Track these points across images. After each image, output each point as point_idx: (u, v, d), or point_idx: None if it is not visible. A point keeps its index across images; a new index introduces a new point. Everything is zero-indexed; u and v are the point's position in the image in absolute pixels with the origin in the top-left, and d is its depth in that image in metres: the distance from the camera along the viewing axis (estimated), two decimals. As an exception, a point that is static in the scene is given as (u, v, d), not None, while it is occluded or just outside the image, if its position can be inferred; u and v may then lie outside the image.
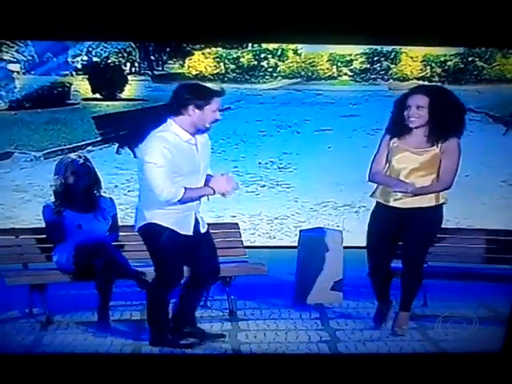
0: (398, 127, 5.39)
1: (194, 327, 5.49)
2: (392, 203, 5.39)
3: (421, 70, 8.33)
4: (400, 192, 5.27)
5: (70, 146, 7.94)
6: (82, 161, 6.03)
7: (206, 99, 5.10)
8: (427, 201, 5.34)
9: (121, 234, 6.19)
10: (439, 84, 7.96)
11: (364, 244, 5.62)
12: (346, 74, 8.37)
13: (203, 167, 5.20)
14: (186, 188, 5.07)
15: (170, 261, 5.20)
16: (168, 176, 5.02)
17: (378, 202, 5.49)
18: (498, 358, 5.03)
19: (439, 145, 5.32)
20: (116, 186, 7.85)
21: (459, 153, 5.35)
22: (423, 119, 5.29)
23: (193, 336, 5.42)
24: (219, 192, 5.14)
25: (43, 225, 6.04)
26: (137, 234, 5.36)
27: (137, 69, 8.39)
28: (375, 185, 5.53)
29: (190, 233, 5.22)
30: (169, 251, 5.17)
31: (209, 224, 5.43)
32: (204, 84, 5.59)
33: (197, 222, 5.27)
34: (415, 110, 5.27)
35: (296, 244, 6.60)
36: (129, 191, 8.02)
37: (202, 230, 5.32)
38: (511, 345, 5.08)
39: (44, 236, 6.09)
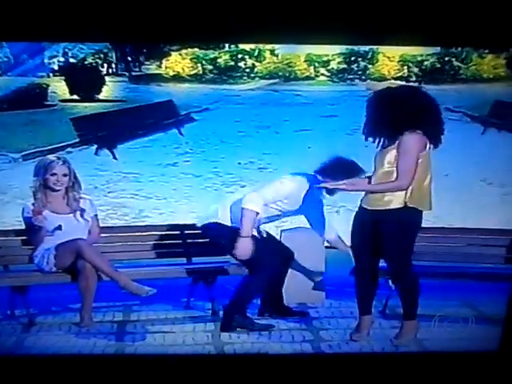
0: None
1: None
2: (367, 206, 5.29)
3: (398, 69, 8.36)
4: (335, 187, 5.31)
5: (49, 148, 7.86)
6: (61, 162, 6.02)
7: None
8: (396, 203, 5.19)
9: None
10: (414, 82, 8.05)
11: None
12: (323, 74, 8.36)
13: None
14: None
15: None
16: None
17: (360, 206, 5.40)
18: (485, 358, 5.04)
19: (396, 142, 5.19)
20: (96, 188, 7.81)
21: (418, 147, 5.15)
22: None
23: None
24: None
25: (23, 226, 6.00)
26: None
27: (114, 70, 8.34)
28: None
29: None
30: None
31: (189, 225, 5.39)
32: None
33: None
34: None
35: (278, 244, 6.58)
36: (109, 192, 8.00)
37: None
38: (507, 344, 5.08)
39: (25, 237, 6.06)
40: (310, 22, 6.35)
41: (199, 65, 8.37)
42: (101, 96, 8.26)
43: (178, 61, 8.32)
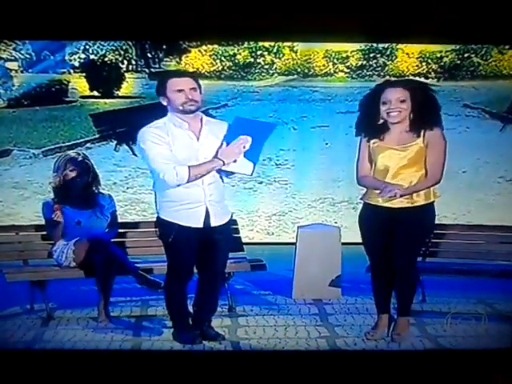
0: (373, 126, 5.24)
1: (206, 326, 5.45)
2: (382, 203, 5.22)
3: (417, 66, 8.33)
4: (389, 197, 5.10)
5: (69, 144, 7.93)
6: (80, 158, 6.05)
7: (160, 85, 5.13)
8: (417, 199, 5.18)
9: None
10: (433, 79, 7.99)
11: (361, 240, 5.61)
12: (342, 70, 8.35)
13: (203, 156, 5.09)
14: (190, 166, 5.00)
15: (176, 255, 5.17)
16: (167, 158, 4.98)
17: (366, 204, 5.34)
18: (499, 355, 5.02)
19: (422, 137, 5.16)
20: (115, 183, 7.86)
21: (445, 143, 5.19)
22: (405, 113, 5.15)
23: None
24: (229, 161, 5.03)
25: (43, 221, 6.04)
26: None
27: (134, 66, 8.38)
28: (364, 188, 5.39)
29: (200, 225, 5.13)
30: (178, 246, 5.12)
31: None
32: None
33: (207, 215, 5.14)
34: (397, 104, 5.13)
35: (294, 240, 6.59)
36: (127, 188, 8.04)
37: (214, 224, 5.18)
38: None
39: (44, 233, 6.10)
40: (329, 20, 6.35)
41: (218, 61, 8.41)
42: (120, 92, 8.32)
43: (198, 57, 8.35)
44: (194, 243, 5.15)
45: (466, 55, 8.33)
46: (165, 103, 5.12)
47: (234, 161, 5.04)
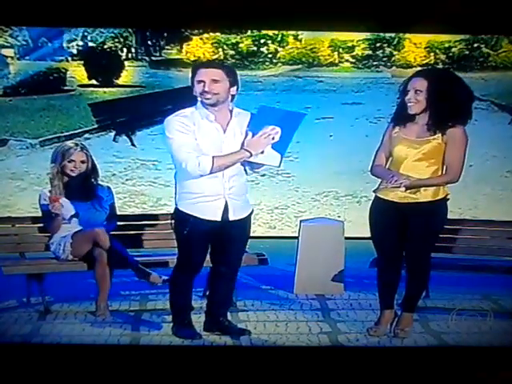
0: (401, 115, 5.14)
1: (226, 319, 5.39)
2: (391, 197, 5.13)
3: (424, 56, 8.26)
4: (393, 187, 5.01)
5: (67, 134, 7.94)
6: (78, 149, 5.95)
7: (192, 74, 5.01)
8: (428, 195, 5.09)
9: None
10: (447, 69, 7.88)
11: (365, 234, 5.50)
12: (347, 60, 8.30)
13: (228, 149, 4.97)
14: (214, 156, 4.88)
15: (188, 248, 5.09)
16: (191, 147, 4.88)
17: (377, 197, 5.24)
18: (503, 352, 4.97)
19: (441, 134, 5.05)
20: (114, 175, 7.84)
21: (466, 142, 5.08)
22: (421, 105, 5.02)
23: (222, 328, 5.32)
24: (257, 153, 4.91)
25: (40, 213, 5.96)
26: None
27: (134, 54, 8.33)
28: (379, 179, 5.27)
29: (218, 219, 5.02)
30: (192, 239, 5.04)
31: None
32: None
33: (226, 208, 5.04)
34: (413, 95, 5.01)
35: (296, 234, 6.53)
36: (127, 180, 8.01)
37: (232, 218, 5.07)
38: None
39: (41, 225, 6.03)
40: (334, 8, 6.27)
41: (220, 50, 8.33)
42: (120, 81, 8.27)
43: (199, 45, 8.29)
44: (208, 237, 5.08)
45: (475, 45, 8.29)
46: (194, 92, 5.02)
47: (262, 152, 4.92)
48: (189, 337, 5.24)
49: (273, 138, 4.90)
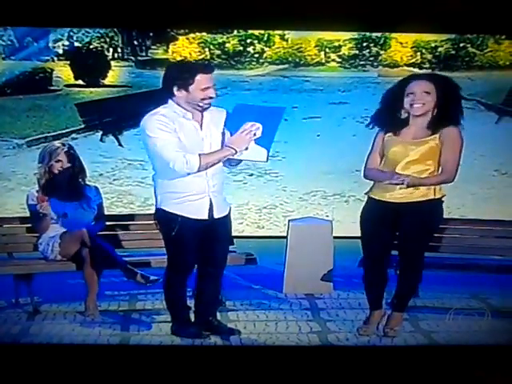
0: (393, 120, 5.18)
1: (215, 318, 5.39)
2: (388, 198, 5.14)
3: (411, 56, 8.29)
4: (396, 184, 5.02)
5: (54, 134, 7.91)
6: (66, 149, 5.95)
7: (187, 79, 4.94)
8: (424, 195, 5.12)
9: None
10: (427, 69, 7.95)
11: (353, 234, 5.50)
12: (334, 60, 8.30)
13: (209, 146, 5.00)
14: (200, 154, 4.89)
15: (179, 248, 5.07)
16: (176, 146, 4.87)
17: (371, 199, 5.25)
18: (492, 351, 4.98)
19: (439, 134, 5.11)
20: (101, 175, 7.81)
21: (461, 143, 5.15)
22: (429, 106, 5.09)
23: (211, 328, 5.31)
24: (241, 149, 4.91)
25: (28, 213, 5.95)
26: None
27: (120, 54, 8.31)
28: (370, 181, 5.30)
29: (205, 217, 5.04)
30: (181, 239, 5.03)
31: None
32: (190, 62, 5.43)
33: (211, 206, 5.07)
34: (421, 96, 5.07)
35: (285, 234, 6.52)
36: (114, 180, 7.99)
37: (216, 216, 5.10)
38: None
39: (29, 225, 6.01)
40: (320, 7, 6.27)
41: (207, 49, 8.33)
42: (106, 81, 8.25)
43: (185, 45, 8.28)
44: (197, 235, 5.07)
45: (461, 45, 8.32)
46: (179, 94, 4.96)
47: (246, 148, 4.93)
48: (191, 336, 5.24)
49: (254, 134, 4.92)
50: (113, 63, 8.27)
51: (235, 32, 8.30)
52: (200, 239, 5.09)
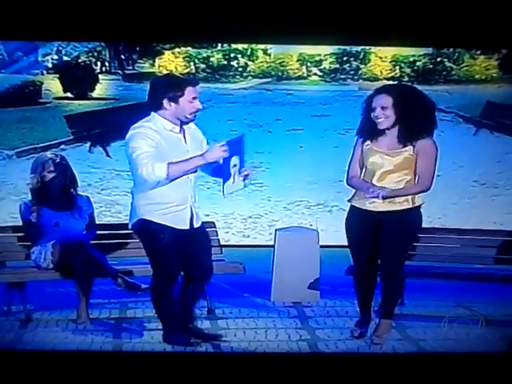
0: (369, 129, 5.23)
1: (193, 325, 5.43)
2: (367, 207, 5.21)
3: (390, 70, 8.40)
4: (371, 197, 5.12)
5: (43, 145, 7.90)
6: (58, 159, 6.00)
7: (177, 91, 5.01)
8: (403, 204, 5.18)
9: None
10: (406, 82, 7.99)
11: (337, 243, 5.62)
12: (315, 73, 8.40)
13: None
14: (169, 163, 4.91)
15: (166, 257, 5.11)
16: (150, 155, 4.90)
17: (353, 206, 5.33)
18: (480, 359, 5.05)
19: (412, 146, 5.15)
20: (89, 185, 7.82)
21: (435, 152, 5.20)
22: (390, 120, 5.12)
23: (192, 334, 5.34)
24: (210, 159, 4.97)
25: (19, 223, 5.99)
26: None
27: (107, 68, 8.36)
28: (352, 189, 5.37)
29: (187, 227, 5.12)
30: (165, 248, 5.07)
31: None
32: (175, 75, 5.52)
33: (192, 216, 5.16)
34: (380, 111, 5.11)
35: (271, 242, 6.61)
36: (102, 189, 8.02)
37: (196, 225, 5.20)
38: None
39: (21, 234, 6.04)
40: (302, 23, 6.39)
41: (192, 63, 8.40)
42: (94, 94, 8.30)
43: (171, 59, 8.34)
44: (180, 245, 5.12)
45: (438, 59, 8.43)
46: (168, 107, 5.03)
47: (215, 162, 5.01)
48: (182, 343, 5.27)
49: (235, 165, 5.02)
50: (100, 76, 8.34)
51: (219, 46, 8.40)
52: (182, 248, 5.14)
